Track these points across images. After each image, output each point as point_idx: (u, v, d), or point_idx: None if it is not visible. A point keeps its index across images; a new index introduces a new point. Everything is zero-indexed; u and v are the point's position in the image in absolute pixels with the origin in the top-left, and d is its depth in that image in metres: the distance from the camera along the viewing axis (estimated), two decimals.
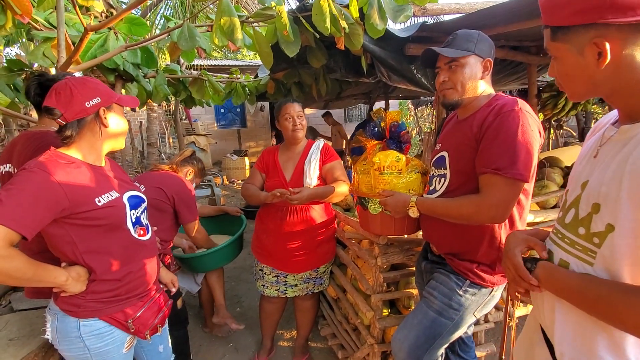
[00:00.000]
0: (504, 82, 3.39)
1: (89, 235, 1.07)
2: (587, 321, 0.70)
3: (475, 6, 2.17)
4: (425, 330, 1.27)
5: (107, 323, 1.13)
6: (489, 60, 1.19)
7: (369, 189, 1.45)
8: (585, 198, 0.72)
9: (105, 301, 1.12)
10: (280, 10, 1.66)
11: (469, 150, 1.15)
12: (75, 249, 1.06)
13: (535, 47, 2.65)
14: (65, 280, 1.03)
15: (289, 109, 1.89)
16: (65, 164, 1.04)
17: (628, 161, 0.63)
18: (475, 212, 1.12)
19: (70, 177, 1.02)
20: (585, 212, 0.72)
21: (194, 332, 2.47)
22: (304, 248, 1.91)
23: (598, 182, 0.70)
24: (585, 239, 0.71)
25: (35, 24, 1.90)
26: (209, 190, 4.48)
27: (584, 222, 0.72)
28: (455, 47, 1.19)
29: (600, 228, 0.68)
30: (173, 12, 5.23)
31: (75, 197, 1.01)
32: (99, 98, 1.09)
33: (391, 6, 1.78)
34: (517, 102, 1.10)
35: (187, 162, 2.10)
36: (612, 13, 0.61)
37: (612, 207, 0.65)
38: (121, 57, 2.27)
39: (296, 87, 3.54)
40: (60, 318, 1.11)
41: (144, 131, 8.06)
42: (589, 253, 0.70)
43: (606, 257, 0.67)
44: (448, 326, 1.27)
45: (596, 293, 0.66)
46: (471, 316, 1.28)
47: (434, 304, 1.28)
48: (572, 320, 0.73)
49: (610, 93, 0.70)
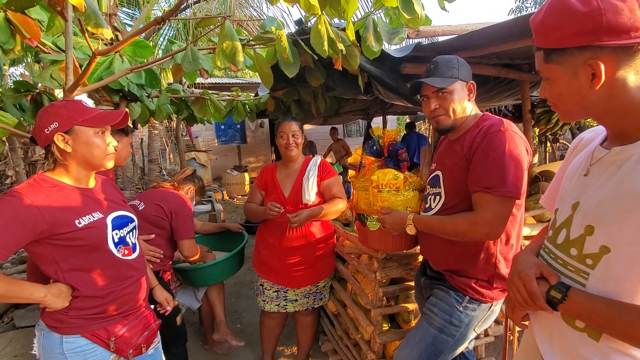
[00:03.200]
0: (498, 99, 3.47)
1: (70, 255, 1.10)
2: (582, 342, 0.71)
3: (466, 28, 2.26)
4: (428, 348, 1.28)
5: (89, 340, 1.14)
6: (472, 83, 1.26)
7: (367, 205, 1.48)
8: (577, 220, 0.73)
9: (88, 318, 1.13)
10: (280, 34, 1.73)
11: (461, 170, 1.20)
12: (58, 267, 1.09)
13: (527, 65, 2.73)
14: (44, 297, 1.06)
15: (285, 127, 1.95)
16: (48, 187, 1.09)
17: (629, 184, 0.64)
18: (470, 230, 1.16)
19: (49, 200, 1.06)
20: (578, 234, 0.73)
21: (194, 349, 2.45)
22: (304, 263, 1.93)
23: (591, 204, 0.70)
24: (578, 260, 0.72)
25: (43, 47, 1.97)
26: (210, 205, 4.51)
27: (576, 244, 0.73)
28: (439, 75, 1.24)
29: (593, 250, 0.69)
30: (175, 33, 5.37)
31: (54, 219, 1.05)
32: (56, 123, 1.09)
33: (386, 29, 1.85)
34: (503, 123, 1.15)
35: (189, 180, 2.14)
36: (608, 36, 0.62)
37: (607, 229, 0.66)
38: (126, 79, 2.35)
39: (295, 105, 3.62)
40: (46, 334, 1.13)
41: (144, 147, 8.14)
42: (581, 274, 0.71)
43: (599, 278, 0.68)
44: (450, 343, 1.28)
45: (627, 319, 0.63)
46: (472, 332, 1.30)
47: (435, 320, 1.29)
48: (567, 340, 0.74)
49: (602, 114, 0.71)
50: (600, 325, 0.68)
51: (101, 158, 1.16)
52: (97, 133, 1.14)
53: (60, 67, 1.92)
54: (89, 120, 1.12)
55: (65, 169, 1.14)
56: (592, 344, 0.70)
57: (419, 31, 2.21)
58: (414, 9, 1.69)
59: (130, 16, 6.10)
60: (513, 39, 1.97)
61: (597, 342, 0.69)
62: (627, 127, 0.69)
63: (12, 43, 1.70)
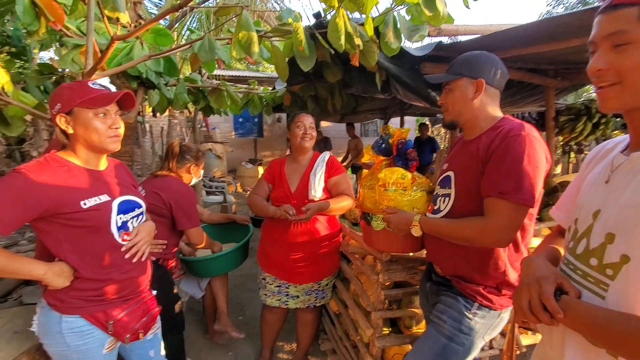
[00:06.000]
0: (521, 104, 3.35)
1: (73, 235, 1.11)
2: (598, 358, 0.67)
3: (490, 28, 2.18)
4: (437, 357, 1.23)
5: (88, 322, 1.15)
6: (480, 80, 1.18)
7: (373, 204, 1.45)
8: (598, 228, 0.70)
9: (87, 299, 1.14)
10: (297, 27, 1.70)
11: (475, 172, 1.14)
12: (60, 246, 1.11)
13: (553, 70, 2.63)
14: (44, 274, 1.07)
15: (302, 118, 1.95)
16: (57, 166, 1.10)
17: None
18: (480, 235, 1.11)
19: (56, 179, 1.07)
20: (598, 243, 0.69)
21: (195, 338, 2.48)
22: (307, 259, 1.91)
23: (612, 212, 0.67)
24: (598, 271, 0.68)
25: (66, 31, 2.02)
26: (222, 197, 4.55)
27: (596, 253, 0.69)
28: (451, 72, 1.23)
29: (614, 259, 0.65)
30: (199, 24, 5.43)
31: (59, 198, 1.06)
32: (60, 104, 1.09)
33: (407, 26, 1.80)
34: (524, 127, 1.09)
35: (182, 160, 1.98)
36: None
37: (627, 236, 0.63)
38: (145, 66, 2.38)
39: (312, 100, 3.60)
40: (46, 312, 1.15)
41: (164, 136, 8.30)
42: (601, 285, 0.67)
43: (619, 290, 0.64)
44: (459, 352, 1.23)
45: (623, 329, 0.60)
46: (481, 340, 1.25)
47: (444, 329, 1.24)
48: (583, 355, 0.70)
49: None
50: (596, 336, 0.65)
51: (101, 141, 1.14)
52: (98, 115, 1.12)
53: (81, 51, 1.96)
54: (87, 101, 1.10)
55: (72, 150, 1.16)
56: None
57: (440, 29, 2.15)
58: (436, 6, 1.64)
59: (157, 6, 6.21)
60: (540, 42, 1.89)
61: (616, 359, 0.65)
62: None
63: (36, 25, 1.73)
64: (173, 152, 1.97)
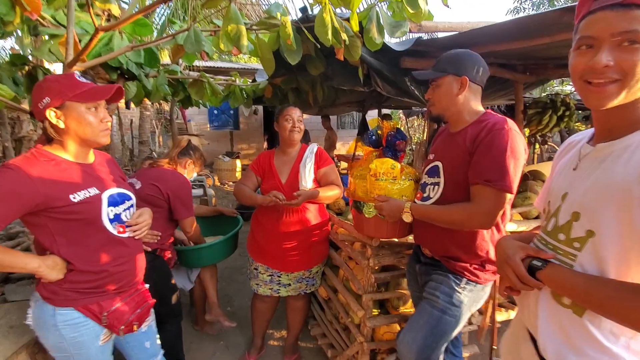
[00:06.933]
0: (492, 98, 3.54)
1: (65, 228, 1.12)
2: (567, 318, 0.77)
3: (467, 25, 2.29)
4: (433, 330, 1.35)
5: (82, 314, 1.16)
6: (464, 77, 1.29)
7: (364, 193, 1.53)
8: (565, 208, 0.80)
9: (81, 291, 1.15)
10: (285, 21, 1.73)
11: (462, 162, 1.26)
12: (53, 240, 1.11)
13: (522, 66, 2.80)
14: (38, 267, 1.08)
15: (291, 111, 1.98)
16: (45, 161, 1.09)
17: (608, 175, 0.71)
18: (467, 219, 1.23)
19: (45, 173, 1.07)
20: (565, 220, 0.79)
21: (185, 330, 2.47)
22: (299, 248, 1.97)
23: (577, 193, 0.77)
24: (566, 244, 0.78)
25: (42, 21, 1.94)
26: (202, 190, 4.50)
27: (564, 229, 0.79)
28: (437, 69, 1.33)
29: (580, 234, 0.75)
30: (173, 12, 5.27)
31: (49, 193, 1.06)
32: (48, 98, 1.08)
33: (389, 22, 1.87)
34: (507, 121, 1.22)
35: (184, 153, 2.09)
36: None
37: (591, 215, 0.73)
38: (125, 57, 2.32)
39: (293, 93, 3.62)
40: (39, 305, 1.15)
41: (135, 129, 8.01)
42: (569, 257, 0.77)
43: (585, 260, 0.74)
44: (452, 323, 1.36)
45: (604, 293, 0.68)
46: (468, 312, 1.39)
47: (438, 303, 1.36)
48: (554, 317, 0.80)
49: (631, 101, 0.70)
50: (581, 300, 0.74)
51: (94, 134, 1.15)
52: (89, 109, 1.13)
53: (60, 42, 1.89)
54: (79, 95, 1.10)
55: (61, 144, 1.15)
56: (576, 320, 0.76)
57: (420, 26, 2.24)
58: (418, 4, 1.72)
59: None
60: (512, 39, 2.02)
61: (580, 318, 0.75)
62: (621, 123, 0.73)
63: (12, 15, 1.66)
64: (180, 144, 2.09)
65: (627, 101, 0.70)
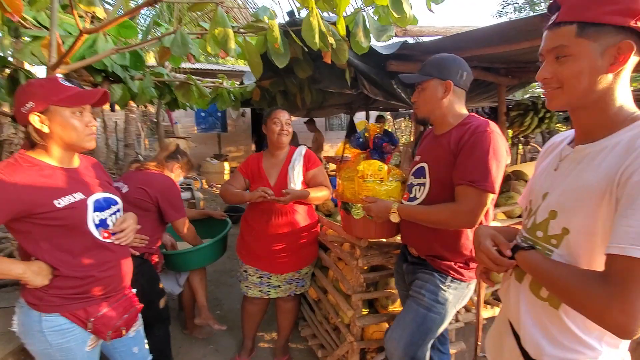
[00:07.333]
0: (477, 100, 3.62)
1: (49, 234, 1.10)
2: (544, 310, 0.81)
3: (451, 30, 2.35)
4: (419, 327, 1.38)
5: (68, 320, 1.15)
6: (448, 81, 1.33)
7: (352, 194, 1.55)
8: (544, 206, 0.84)
9: (67, 297, 1.14)
10: (272, 24, 1.75)
11: (446, 163, 1.30)
12: (37, 246, 1.10)
13: (504, 69, 2.88)
14: (23, 273, 1.06)
15: (279, 114, 1.99)
16: (28, 166, 1.08)
17: (582, 177, 0.75)
18: (452, 218, 1.27)
19: (28, 179, 1.05)
20: (543, 218, 0.84)
21: (174, 334, 2.45)
22: (288, 249, 1.98)
23: (556, 193, 0.82)
24: (544, 241, 0.83)
25: (23, 22, 1.90)
26: (189, 193, 4.46)
27: (541, 227, 0.84)
28: (422, 73, 1.37)
29: (557, 231, 0.79)
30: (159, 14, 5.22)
31: (32, 199, 1.05)
32: (32, 102, 1.06)
33: (375, 26, 1.91)
34: (489, 124, 1.26)
35: (172, 157, 2.08)
36: None
37: (567, 214, 0.77)
38: (110, 59, 2.29)
39: (281, 96, 3.63)
40: (25, 311, 1.14)
41: (119, 132, 7.88)
42: (547, 252, 0.82)
43: (560, 255, 0.78)
44: (437, 320, 1.39)
45: (565, 278, 0.71)
46: (453, 309, 1.42)
47: (423, 301, 1.39)
48: (533, 309, 0.84)
49: (590, 105, 0.75)
50: (547, 285, 0.77)
51: (79, 139, 1.14)
52: (75, 113, 1.12)
53: (42, 44, 1.86)
54: (64, 99, 1.08)
55: (45, 149, 1.13)
56: (552, 312, 0.80)
57: (406, 30, 2.29)
58: (403, 9, 1.76)
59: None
60: (494, 44, 2.08)
61: (557, 310, 0.79)
62: (595, 126, 0.77)
63: None
64: (168, 148, 2.09)
65: (581, 103, 0.77)
